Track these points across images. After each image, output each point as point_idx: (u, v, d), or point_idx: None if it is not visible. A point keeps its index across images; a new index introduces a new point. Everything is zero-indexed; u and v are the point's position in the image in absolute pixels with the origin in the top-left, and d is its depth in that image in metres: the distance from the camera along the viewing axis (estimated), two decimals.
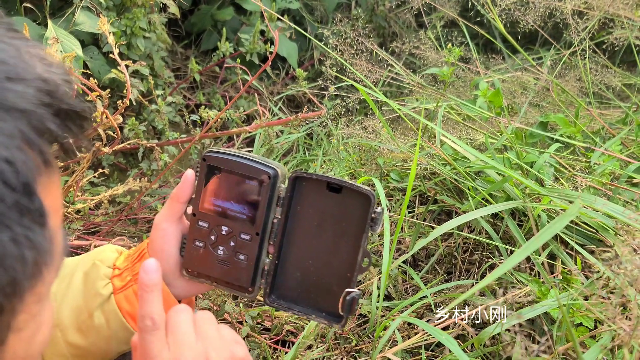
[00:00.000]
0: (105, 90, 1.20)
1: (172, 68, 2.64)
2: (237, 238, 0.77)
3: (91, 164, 2.03)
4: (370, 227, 0.73)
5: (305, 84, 1.71)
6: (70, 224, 1.67)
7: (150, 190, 1.70)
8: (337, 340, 1.41)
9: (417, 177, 1.57)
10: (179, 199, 0.78)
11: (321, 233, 0.77)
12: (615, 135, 1.45)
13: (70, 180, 1.29)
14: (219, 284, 0.80)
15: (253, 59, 2.11)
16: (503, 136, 1.24)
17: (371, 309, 1.37)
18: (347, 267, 0.76)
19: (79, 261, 0.81)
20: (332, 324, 0.77)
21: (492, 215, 1.44)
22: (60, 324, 0.76)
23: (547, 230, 0.60)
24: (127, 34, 1.84)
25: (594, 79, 1.69)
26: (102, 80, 1.76)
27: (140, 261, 0.79)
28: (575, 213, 0.62)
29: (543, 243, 0.63)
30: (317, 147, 2.16)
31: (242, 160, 0.75)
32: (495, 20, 1.50)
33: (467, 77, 1.88)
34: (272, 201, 0.76)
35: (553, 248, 1.22)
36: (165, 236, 0.79)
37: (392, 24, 2.86)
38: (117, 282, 0.78)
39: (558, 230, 0.61)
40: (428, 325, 0.88)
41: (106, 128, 1.23)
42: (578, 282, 0.98)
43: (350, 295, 0.74)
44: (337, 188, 0.75)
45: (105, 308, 0.77)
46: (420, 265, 1.58)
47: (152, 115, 1.89)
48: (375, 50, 1.74)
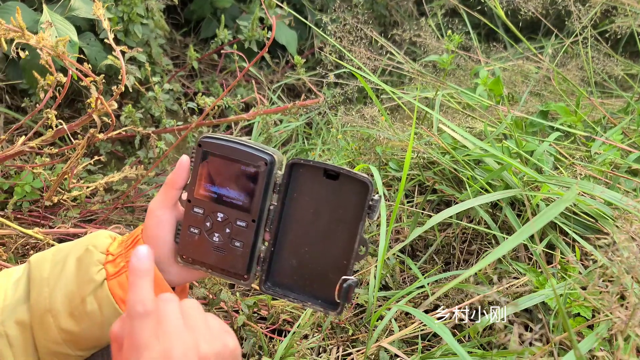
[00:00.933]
0: (101, 77, 1.18)
1: (171, 56, 2.61)
2: (233, 225, 0.76)
3: (88, 151, 2.02)
4: (368, 215, 0.72)
5: (303, 71, 1.69)
6: (67, 212, 1.66)
7: (147, 178, 1.69)
8: (334, 329, 1.40)
9: (416, 166, 1.55)
10: (174, 185, 0.77)
11: (318, 220, 0.76)
12: (617, 124, 1.43)
13: (65, 166, 1.27)
14: (214, 270, 0.79)
15: (252, 46, 2.09)
16: (502, 124, 1.23)
17: (368, 298, 1.37)
18: (344, 255, 0.75)
19: (73, 247, 0.80)
20: (328, 311, 0.76)
21: (492, 206, 1.42)
22: (52, 309, 0.75)
23: (543, 215, 0.58)
24: (124, 20, 1.82)
25: (595, 68, 1.67)
26: (98, 66, 1.75)
27: (134, 247, 0.78)
28: (572, 199, 0.60)
29: (539, 228, 0.62)
30: (316, 137, 2.14)
31: (239, 146, 0.74)
32: (496, 7, 1.48)
33: (468, 66, 1.85)
34: (269, 188, 0.75)
35: (552, 238, 1.20)
36: (159, 223, 0.78)
37: (394, 13, 2.83)
38: (111, 268, 0.77)
39: (554, 216, 0.59)
40: (423, 314, 0.87)
41: (101, 114, 1.22)
42: (576, 271, 0.97)
43: (346, 282, 0.73)
44: (334, 175, 0.74)
45: (98, 294, 0.76)
46: (419, 256, 1.57)
47: (149, 103, 1.88)
48: (374, 38, 1.71)
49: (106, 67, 1.82)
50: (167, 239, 0.79)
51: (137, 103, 2.05)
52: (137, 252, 0.61)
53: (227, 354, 0.62)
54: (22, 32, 1.04)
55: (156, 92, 1.71)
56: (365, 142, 1.71)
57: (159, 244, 0.78)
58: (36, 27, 1.55)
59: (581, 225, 1.18)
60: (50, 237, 1.38)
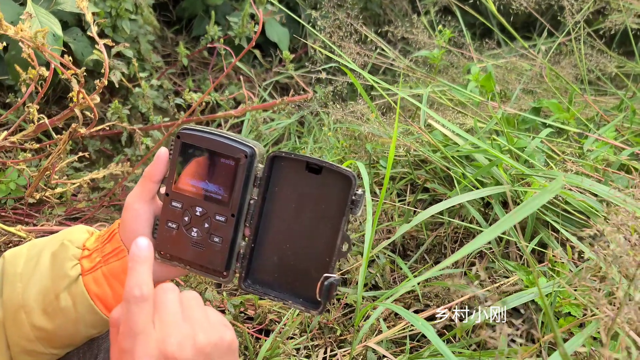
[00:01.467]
0: (82, 70, 1.16)
1: (163, 54, 2.59)
2: (212, 219, 0.73)
3: (76, 149, 2.00)
4: (351, 210, 0.70)
5: (291, 67, 1.66)
6: (52, 210, 1.63)
7: (133, 175, 1.67)
8: (322, 329, 1.38)
9: (407, 164, 1.53)
10: (151, 178, 0.74)
11: (300, 215, 0.74)
12: (610, 122, 1.41)
13: (46, 162, 1.25)
14: (193, 267, 0.76)
15: (242, 42, 2.07)
16: (493, 120, 1.20)
17: (357, 298, 1.34)
18: (326, 252, 0.72)
19: (48, 241, 0.78)
20: (309, 310, 0.73)
21: (484, 205, 1.40)
22: (25, 305, 0.73)
23: (526, 205, 0.56)
24: (112, 16, 1.80)
25: (589, 65, 1.65)
26: (84, 61, 1.72)
27: (110, 242, 0.76)
28: (557, 190, 0.58)
29: (521, 219, 0.60)
30: (308, 135, 2.12)
31: (218, 138, 0.72)
32: (488, 1, 1.46)
33: (461, 63, 1.83)
34: (249, 181, 0.72)
35: (543, 236, 1.18)
36: (137, 217, 0.75)
37: (388, 12, 2.81)
38: (86, 263, 0.75)
39: (538, 206, 0.57)
40: (407, 312, 0.84)
41: (83, 108, 1.19)
42: (567, 268, 0.94)
43: (328, 280, 0.71)
44: (317, 169, 0.72)
45: (72, 290, 0.73)
46: (410, 256, 1.54)
47: (138, 100, 1.85)
48: (364, 33, 1.69)
49: (93, 63, 1.79)
50: (145, 233, 0.76)
51: (126, 100, 2.02)
52: (138, 242, 0.61)
53: (224, 347, 0.61)
54: (0, 23, 1.02)
55: (143, 88, 1.68)
56: (356, 140, 1.69)
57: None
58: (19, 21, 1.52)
59: (574, 224, 1.16)
60: (33, 234, 1.35)
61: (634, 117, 1.39)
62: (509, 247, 1.30)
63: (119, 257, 0.75)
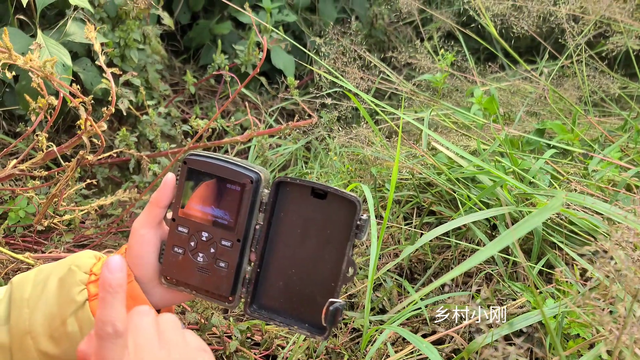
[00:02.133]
0: (95, 101, 1.18)
1: (170, 83, 2.63)
2: (218, 244, 0.74)
3: (85, 176, 2.02)
4: (356, 235, 0.70)
5: (296, 92, 1.68)
6: (60, 237, 1.64)
7: (140, 202, 1.68)
8: (329, 354, 1.36)
9: (412, 188, 1.54)
10: (158, 204, 0.75)
11: (305, 240, 0.74)
12: (614, 142, 1.41)
13: (54, 189, 1.26)
14: (199, 292, 0.76)
15: (248, 70, 2.10)
16: (496, 142, 1.21)
17: (364, 322, 1.33)
18: (332, 277, 0.73)
19: (55, 267, 0.78)
20: (314, 335, 0.73)
21: (490, 227, 1.40)
22: (32, 331, 0.73)
23: (526, 221, 0.56)
24: (120, 46, 1.83)
25: (592, 87, 1.65)
26: (93, 91, 1.75)
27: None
28: (558, 207, 0.58)
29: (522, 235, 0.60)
30: (314, 160, 2.13)
31: (224, 163, 0.73)
32: (488, 25, 1.48)
33: (464, 87, 1.85)
34: (255, 207, 0.73)
35: (550, 257, 1.17)
36: (143, 242, 0.76)
37: (392, 39, 2.85)
38: (93, 288, 0.75)
39: (538, 223, 0.57)
40: (412, 335, 0.84)
41: (90, 135, 1.21)
42: (574, 289, 0.94)
43: (333, 305, 0.71)
44: (322, 194, 0.72)
45: (79, 315, 0.74)
46: (417, 279, 1.53)
47: (145, 128, 1.88)
48: (368, 58, 1.72)
49: (102, 92, 1.82)
50: (151, 259, 0.77)
51: (134, 128, 2.05)
52: (110, 263, 0.57)
53: None
54: (10, 53, 1.04)
55: (150, 116, 1.70)
56: (361, 164, 1.70)
57: (143, 264, 0.76)
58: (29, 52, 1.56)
59: (580, 245, 1.16)
60: (41, 262, 1.37)
61: (639, 137, 1.39)
62: (517, 269, 1.29)
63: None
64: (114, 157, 1.44)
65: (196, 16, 2.78)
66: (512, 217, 1.19)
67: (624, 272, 0.51)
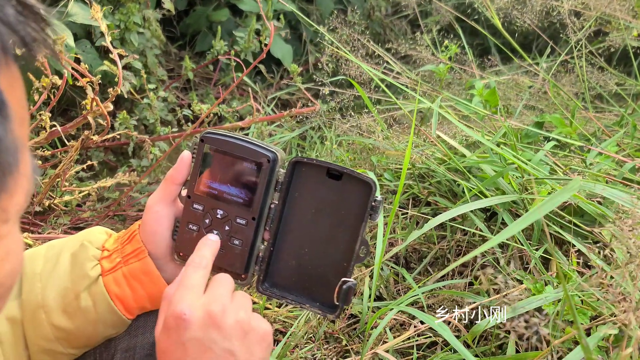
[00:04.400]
0: (97, 77, 1.18)
1: (166, 68, 2.62)
2: (233, 222, 0.74)
3: (80, 159, 2.01)
4: (370, 216, 0.71)
5: (299, 79, 1.69)
6: (57, 219, 1.64)
7: (139, 186, 1.68)
8: (327, 339, 1.38)
9: (411, 177, 1.55)
10: (174, 181, 0.76)
11: (319, 220, 0.75)
12: (611, 137, 1.44)
13: (58, 169, 1.26)
14: (212, 269, 0.77)
15: (247, 57, 2.10)
16: (500, 131, 1.23)
17: (362, 309, 1.35)
18: (344, 256, 0.74)
19: (67, 242, 0.78)
20: (326, 313, 0.75)
21: (488, 218, 1.42)
22: (45, 305, 0.73)
23: (544, 205, 0.58)
24: (121, 29, 1.82)
25: (590, 82, 1.68)
26: (94, 73, 1.74)
27: (130, 243, 0.77)
28: (576, 189, 0.60)
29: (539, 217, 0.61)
30: (310, 150, 2.14)
31: (242, 142, 0.73)
32: (493, 17, 1.50)
33: (463, 80, 1.87)
34: (270, 186, 0.73)
35: (548, 247, 1.20)
36: (158, 218, 0.76)
37: (388, 32, 2.86)
38: (106, 263, 0.76)
39: (555, 205, 0.59)
40: (423, 314, 0.85)
41: (96, 116, 1.21)
42: (574, 277, 0.96)
43: (346, 284, 0.72)
44: (337, 175, 0.73)
45: (92, 290, 0.74)
46: (414, 268, 1.55)
47: (144, 112, 1.87)
48: (371, 48, 1.73)
49: (101, 75, 1.81)
50: (165, 235, 0.77)
51: (131, 112, 2.04)
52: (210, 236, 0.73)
53: (259, 334, 0.66)
54: None
55: (151, 99, 1.70)
56: (360, 154, 1.71)
57: (156, 241, 0.77)
58: None
59: (580, 235, 1.18)
60: (39, 242, 1.36)
61: (635, 133, 1.43)
62: (513, 258, 1.31)
63: (139, 258, 0.76)
64: (115, 139, 1.44)
65: (193, 2, 2.77)
66: (512, 207, 1.22)
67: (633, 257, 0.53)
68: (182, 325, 0.61)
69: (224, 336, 0.62)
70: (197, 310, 0.62)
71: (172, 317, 0.62)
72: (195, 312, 0.62)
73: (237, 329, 0.63)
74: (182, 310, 0.61)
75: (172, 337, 0.62)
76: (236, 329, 0.63)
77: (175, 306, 0.62)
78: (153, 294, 0.77)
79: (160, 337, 0.64)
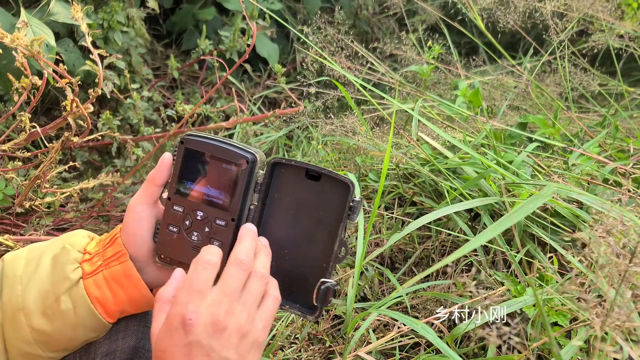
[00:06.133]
0: (77, 78, 1.17)
1: (152, 67, 2.60)
2: (212, 224, 0.75)
3: (64, 159, 1.99)
4: (348, 216, 0.72)
5: (283, 80, 1.68)
6: (39, 220, 1.62)
7: (122, 186, 1.66)
8: (311, 340, 1.38)
9: (395, 178, 1.55)
10: (154, 182, 0.76)
11: (298, 221, 0.75)
12: (593, 137, 1.45)
13: (37, 170, 1.25)
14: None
15: (233, 57, 2.09)
16: (481, 133, 1.23)
17: (346, 309, 1.35)
18: (323, 257, 0.74)
19: (48, 245, 0.78)
20: (305, 315, 0.75)
21: (471, 219, 1.42)
22: (25, 308, 0.73)
23: (519, 210, 0.58)
24: (104, 28, 1.80)
25: (573, 83, 1.69)
26: (76, 72, 1.73)
27: (111, 246, 0.77)
28: (549, 195, 0.60)
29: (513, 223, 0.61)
30: (296, 149, 2.14)
31: (221, 144, 0.74)
32: (476, 19, 1.50)
33: (448, 80, 1.87)
34: (250, 187, 0.74)
35: (530, 248, 1.20)
36: (139, 220, 0.76)
37: (375, 30, 2.86)
38: (87, 266, 0.76)
39: (530, 211, 0.59)
40: (405, 317, 0.85)
41: (76, 117, 1.20)
42: (553, 279, 0.96)
43: (325, 285, 0.72)
44: (316, 176, 0.74)
45: (73, 293, 0.74)
46: (398, 268, 1.56)
47: (128, 112, 1.86)
48: (355, 48, 1.72)
49: (84, 74, 1.79)
50: (146, 237, 0.77)
51: (116, 112, 2.03)
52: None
53: (252, 340, 0.67)
54: None
55: (135, 99, 1.69)
56: (345, 154, 1.71)
57: (137, 242, 0.77)
58: (13, 30, 1.53)
59: (560, 236, 1.19)
60: (20, 244, 1.35)
61: (617, 134, 1.43)
62: (496, 260, 1.31)
63: (120, 261, 0.76)
64: (98, 140, 1.42)
65: (179, 0, 2.75)
66: (495, 207, 1.22)
67: (609, 260, 0.53)
68: (186, 328, 0.62)
69: (222, 345, 0.63)
70: (202, 315, 0.63)
71: (177, 317, 0.63)
72: (201, 317, 0.63)
73: (236, 335, 0.64)
74: (188, 314, 0.62)
75: (174, 338, 0.63)
76: (235, 336, 0.64)
77: (182, 308, 0.63)
78: (134, 297, 0.77)
79: (161, 336, 0.64)
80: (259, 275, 0.68)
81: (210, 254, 0.67)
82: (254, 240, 0.70)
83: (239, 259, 0.67)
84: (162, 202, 0.78)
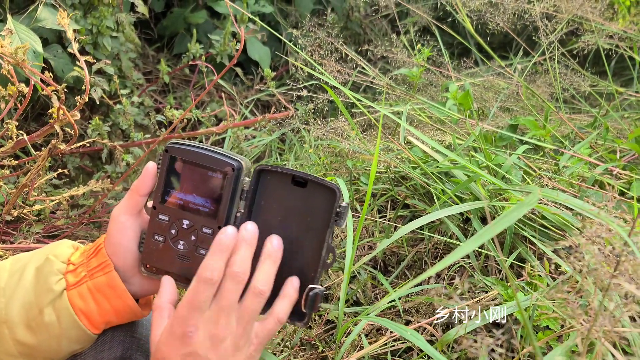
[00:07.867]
0: (67, 89, 1.16)
1: (144, 71, 2.59)
2: (199, 232, 0.74)
3: (55, 165, 1.98)
4: (335, 222, 0.71)
5: (273, 84, 1.68)
6: (29, 227, 1.61)
7: (113, 192, 1.66)
8: (304, 346, 1.37)
9: (387, 181, 1.55)
10: (139, 191, 0.75)
11: (285, 228, 0.75)
12: (584, 139, 1.44)
13: (25, 179, 1.24)
14: (179, 280, 0.76)
15: (223, 60, 2.08)
16: (471, 137, 1.23)
17: (338, 314, 1.34)
18: (311, 263, 0.74)
19: (32, 256, 0.78)
20: (294, 322, 0.75)
21: (464, 221, 1.42)
22: (8, 320, 0.72)
23: (504, 218, 0.57)
24: (93, 33, 1.79)
25: (563, 84, 1.69)
26: (65, 78, 1.72)
27: (95, 257, 0.76)
28: (534, 203, 0.59)
29: (500, 231, 0.61)
30: (289, 152, 2.13)
31: (206, 152, 0.73)
32: (465, 20, 1.49)
33: (439, 82, 1.87)
34: (236, 194, 0.73)
35: (522, 251, 1.20)
36: (123, 229, 0.76)
37: (368, 31, 2.85)
38: (71, 277, 0.75)
39: (515, 219, 0.58)
40: (394, 324, 0.85)
41: (63, 124, 1.19)
42: (544, 282, 0.96)
43: (313, 291, 0.72)
44: (302, 182, 0.73)
45: (56, 305, 0.73)
46: (391, 272, 1.55)
47: (118, 117, 1.85)
48: (345, 52, 1.72)
49: (74, 80, 1.78)
50: (131, 246, 0.76)
51: (107, 117, 2.02)
52: (226, 229, 0.70)
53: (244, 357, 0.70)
54: None
55: (124, 105, 1.68)
56: (337, 157, 1.70)
57: (122, 252, 0.76)
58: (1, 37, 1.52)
59: (551, 239, 1.18)
60: (10, 252, 1.34)
61: (607, 135, 1.43)
62: (489, 263, 1.31)
63: (104, 272, 0.75)
64: (87, 146, 1.41)
65: (170, 4, 2.74)
66: (489, 213, 1.21)
67: (595, 267, 0.52)
68: (186, 340, 0.66)
69: (218, 356, 0.67)
70: (200, 329, 0.66)
71: (179, 330, 0.67)
72: (200, 331, 0.66)
73: (231, 348, 0.68)
74: (189, 327, 0.66)
75: (174, 346, 0.67)
76: (230, 349, 0.67)
77: (183, 321, 0.67)
78: (119, 308, 0.76)
79: (162, 343, 0.68)
80: (257, 293, 0.69)
81: (212, 270, 0.67)
82: (250, 247, 0.70)
83: (234, 272, 0.67)
84: (147, 211, 0.77)
